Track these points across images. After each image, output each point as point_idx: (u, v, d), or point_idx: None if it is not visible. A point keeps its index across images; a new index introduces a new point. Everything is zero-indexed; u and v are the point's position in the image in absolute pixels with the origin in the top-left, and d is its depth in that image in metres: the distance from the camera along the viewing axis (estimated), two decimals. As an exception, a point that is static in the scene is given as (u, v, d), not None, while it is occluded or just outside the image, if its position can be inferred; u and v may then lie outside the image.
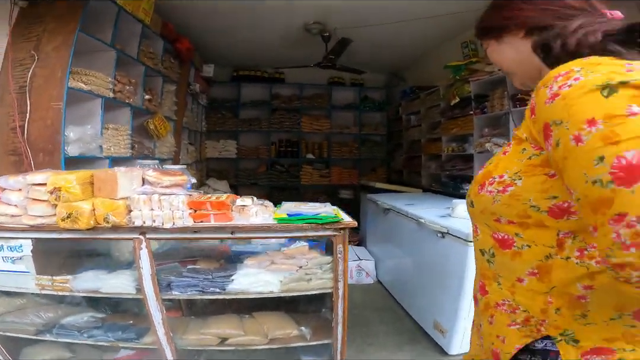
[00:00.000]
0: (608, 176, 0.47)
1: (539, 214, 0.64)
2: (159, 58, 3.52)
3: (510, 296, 0.72)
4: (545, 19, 0.71)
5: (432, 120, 4.75)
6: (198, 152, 5.11)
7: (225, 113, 5.73)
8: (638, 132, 0.47)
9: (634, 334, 0.62)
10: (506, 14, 0.77)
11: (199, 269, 1.93)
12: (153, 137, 3.46)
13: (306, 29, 4.34)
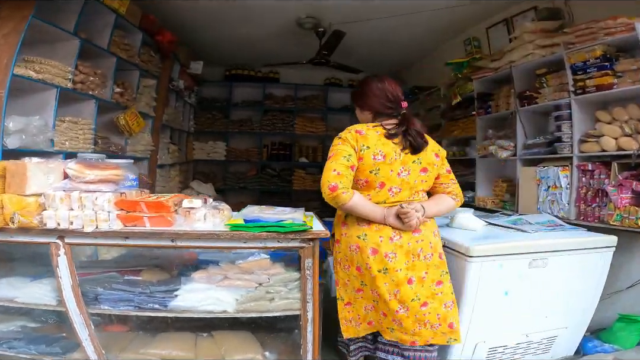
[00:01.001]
0: None
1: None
2: (135, 50, 3.23)
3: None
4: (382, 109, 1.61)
5: (432, 123, 4.38)
6: (183, 153, 4.79)
7: (216, 113, 5.42)
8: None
9: (341, 232, 1.59)
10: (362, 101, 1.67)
11: (136, 281, 1.57)
12: (124, 133, 3.13)
13: (299, 24, 4.03)
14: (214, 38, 4.44)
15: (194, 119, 5.23)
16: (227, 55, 5.08)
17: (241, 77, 5.48)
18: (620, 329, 1.96)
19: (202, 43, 4.53)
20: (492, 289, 1.73)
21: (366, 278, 1.53)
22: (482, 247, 1.70)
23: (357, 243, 1.51)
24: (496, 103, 3.25)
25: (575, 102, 2.45)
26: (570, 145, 2.45)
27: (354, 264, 1.54)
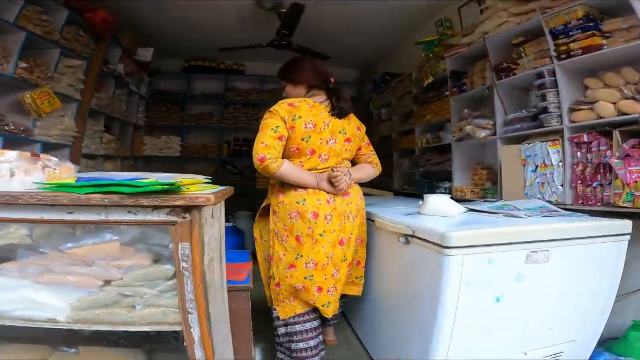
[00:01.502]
0: None
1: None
2: (55, 27, 2.68)
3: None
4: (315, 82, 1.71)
5: (404, 111, 3.95)
6: (127, 147, 4.16)
7: (171, 106, 4.82)
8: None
9: (278, 201, 1.60)
10: (296, 76, 1.74)
11: None
12: (31, 113, 2.53)
13: (258, 3, 3.54)
14: (166, 24, 3.89)
15: (145, 111, 4.62)
16: (186, 45, 4.53)
17: (202, 68, 4.92)
18: (637, 338, 1.51)
19: (153, 29, 3.97)
20: (478, 294, 1.25)
21: (305, 247, 1.56)
22: (463, 233, 1.22)
23: (297, 209, 1.56)
24: (471, 80, 2.83)
25: (560, 68, 2.05)
26: (559, 115, 2.03)
27: (293, 234, 1.57)
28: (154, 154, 4.71)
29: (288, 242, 1.57)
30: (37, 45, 2.60)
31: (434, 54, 3.34)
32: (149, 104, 4.71)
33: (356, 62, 5.27)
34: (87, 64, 3.07)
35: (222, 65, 5.07)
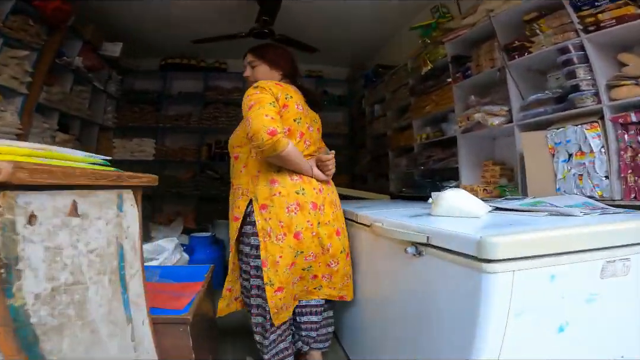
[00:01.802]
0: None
1: (244, 140, 1.45)
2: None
3: (238, 182, 1.47)
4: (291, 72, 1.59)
5: (400, 105, 3.57)
6: (92, 149, 3.68)
7: (144, 106, 4.37)
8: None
9: (271, 193, 1.36)
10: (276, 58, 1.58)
11: None
12: (-46, 105, 2.07)
13: (236, -9, 3.18)
14: (137, 18, 3.49)
15: (115, 111, 4.16)
16: (162, 42, 4.11)
17: (180, 67, 4.49)
18: None
19: (123, 24, 3.57)
20: (534, 324, 0.83)
21: (305, 243, 1.37)
22: (511, 239, 0.80)
23: (297, 200, 1.37)
24: (476, 63, 2.47)
25: (589, 42, 1.72)
26: (595, 93, 1.66)
27: (292, 230, 1.35)
28: (125, 157, 4.24)
29: (285, 240, 1.34)
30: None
31: (431, 39, 2.98)
32: (119, 103, 4.26)
33: (346, 59, 4.91)
34: (37, 55, 2.63)
35: (202, 64, 4.65)
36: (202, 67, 4.62)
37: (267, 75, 1.54)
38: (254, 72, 1.57)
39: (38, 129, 2.74)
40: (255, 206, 1.36)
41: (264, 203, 1.35)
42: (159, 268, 1.68)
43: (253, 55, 1.58)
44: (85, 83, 3.40)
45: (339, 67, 5.11)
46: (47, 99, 2.79)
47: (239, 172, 1.45)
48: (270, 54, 1.58)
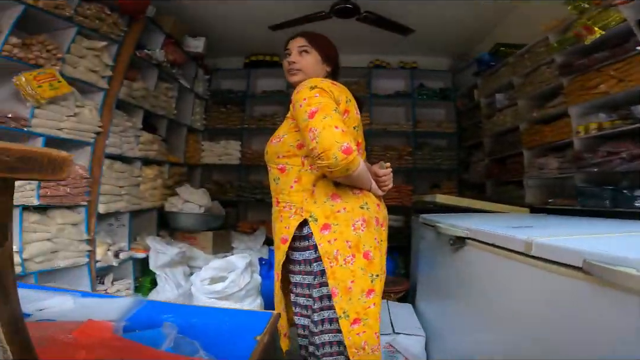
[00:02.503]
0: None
1: (293, 149, 1.17)
2: (67, 2, 2.10)
3: (288, 199, 1.19)
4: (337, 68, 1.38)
5: (540, 89, 2.58)
6: (180, 152, 3.53)
7: (230, 107, 4.14)
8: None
9: (334, 210, 1.14)
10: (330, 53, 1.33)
11: None
12: (27, 99, 1.89)
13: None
14: (218, 13, 3.23)
15: (203, 112, 4.01)
16: (244, 38, 3.83)
17: (263, 64, 4.19)
18: None
19: (205, 20, 3.34)
20: None
21: (375, 264, 1.14)
22: None
23: (363, 216, 1.15)
24: None
25: None
26: None
27: (361, 250, 1.13)
28: (213, 161, 4.04)
29: (355, 262, 1.12)
30: (47, 24, 2.07)
31: (594, 2, 2.01)
32: (208, 104, 4.10)
33: (445, 46, 4.00)
34: (117, 47, 2.45)
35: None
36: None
37: (316, 68, 1.30)
38: (302, 59, 1.30)
39: (120, 127, 2.56)
40: (314, 227, 1.14)
41: (326, 222, 1.14)
42: (185, 312, 1.04)
43: (306, 39, 1.32)
44: (170, 80, 3.23)
45: (437, 56, 4.24)
46: (128, 94, 2.59)
47: (289, 188, 1.20)
48: (325, 43, 1.36)
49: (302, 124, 1.08)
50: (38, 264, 1.99)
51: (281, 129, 1.23)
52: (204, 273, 1.92)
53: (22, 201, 1.92)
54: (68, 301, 0.96)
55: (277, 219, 1.22)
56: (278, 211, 1.22)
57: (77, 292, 1.07)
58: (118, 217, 2.66)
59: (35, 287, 1.09)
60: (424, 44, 3.85)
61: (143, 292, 2.62)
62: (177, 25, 3.13)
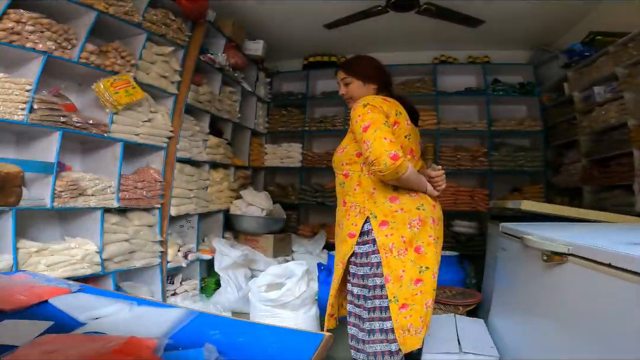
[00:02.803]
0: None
1: (354, 157, 1.37)
2: (136, 9, 2.22)
3: (353, 200, 1.38)
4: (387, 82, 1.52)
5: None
6: (244, 155, 3.62)
7: (291, 109, 4.15)
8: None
9: (392, 210, 1.31)
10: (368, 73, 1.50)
11: None
12: (105, 105, 2.04)
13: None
14: (275, 14, 3.24)
15: (266, 116, 4.08)
16: (302, 40, 3.80)
17: (322, 64, 4.12)
18: None
19: (263, 22, 3.37)
20: None
21: (428, 258, 1.31)
22: None
23: (419, 215, 1.33)
24: None
25: None
26: None
27: (413, 245, 1.31)
28: (275, 164, 4.09)
29: (407, 255, 1.29)
30: (118, 30, 2.20)
31: None
32: (270, 107, 4.16)
33: (524, 37, 3.52)
34: (183, 52, 2.56)
35: (342, 59, 4.16)
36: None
37: (362, 91, 1.50)
38: (348, 89, 1.53)
39: (189, 131, 2.67)
40: (373, 223, 1.33)
41: (384, 220, 1.33)
42: (233, 328, 0.98)
43: (344, 72, 1.53)
44: (234, 84, 3.31)
45: (512, 48, 3.78)
46: (195, 99, 2.69)
47: (353, 190, 1.40)
48: (360, 67, 1.54)
49: (358, 137, 1.31)
50: (116, 264, 2.13)
51: (344, 140, 1.47)
52: (262, 279, 1.89)
53: (103, 203, 2.06)
54: (124, 310, 0.95)
55: (344, 217, 1.41)
56: (345, 210, 1.42)
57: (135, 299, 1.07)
58: (188, 219, 2.79)
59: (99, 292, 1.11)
60: (497, 36, 3.47)
61: (208, 292, 2.70)
62: (236, 29, 3.19)
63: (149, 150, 2.44)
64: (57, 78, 2.02)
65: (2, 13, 1.59)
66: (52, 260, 1.78)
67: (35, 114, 1.71)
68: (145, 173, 2.38)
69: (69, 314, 0.89)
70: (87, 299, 1.00)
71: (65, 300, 0.97)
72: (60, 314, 0.90)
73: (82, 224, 2.08)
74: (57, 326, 0.83)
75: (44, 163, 1.81)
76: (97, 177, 2.06)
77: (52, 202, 1.81)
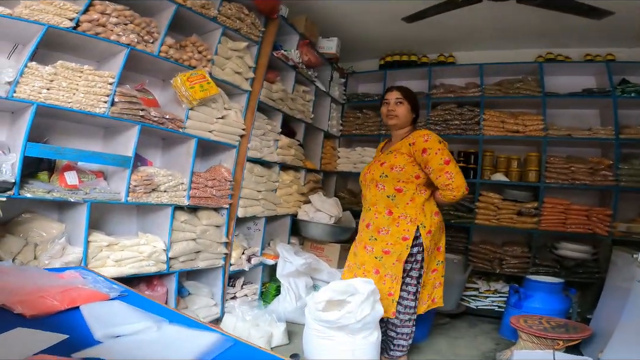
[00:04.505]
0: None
1: (412, 178, 1.82)
2: (210, 0, 2.19)
3: (404, 211, 1.81)
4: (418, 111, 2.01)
5: None
6: (317, 159, 3.45)
7: (367, 112, 3.88)
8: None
9: (434, 222, 1.84)
10: (414, 99, 1.98)
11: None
12: (182, 100, 2.04)
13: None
14: (352, 12, 3.03)
15: (340, 118, 3.88)
16: (378, 39, 3.53)
17: (400, 64, 3.78)
18: None
19: (338, 21, 3.19)
20: None
21: (442, 254, 1.94)
22: None
23: (440, 225, 1.90)
24: None
25: None
26: None
27: (437, 244, 1.91)
28: (348, 169, 3.85)
29: (433, 253, 1.88)
30: (195, 25, 2.19)
31: None
32: (344, 109, 3.94)
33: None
34: (257, 48, 2.48)
35: (424, 59, 3.74)
36: (425, 63, 3.70)
37: (408, 116, 1.93)
38: (397, 107, 1.90)
39: (260, 130, 2.58)
40: (422, 231, 1.79)
41: (430, 229, 1.81)
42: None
43: (401, 93, 1.94)
44: (307, 83, 3.16)
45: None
46: (267, 96, 2.60)
47: (405, 204, 1.82)
48: (413, 96, 1.98)
49: (437, 166, 1.76)
50: (181, 264, 2.10)
51: (397, 160, 1.82)
52: (321, 295, 1.65)
53: (174, 200, 2.04)
54: (151, 329, 0.79)
55: (391, 224, 1.81)
56: (392, 219, 1.82)
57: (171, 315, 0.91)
58: (255, 222, 2.69)
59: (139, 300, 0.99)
60: (625, 30, 2.79)
61: (268, 298, 2.57)
62: (309, 25, 3.04)
63: (222, 148, 2.40)
64: (140, 73, 2.08)
65: (88, 4, 1.64)
66: (120, 255, 1.79)
67: (116, 107, 1.74)
68: (217, 171, 2.34)
69: (90, 328, 0.76)
70: (120, 310, 0.88)
71: (96, 309, 0.85)
72: (82, 325, 0.77)
73: (154, 220, 2.09)
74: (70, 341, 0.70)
75: (122, 157, 1.85)
76: (171, 173, 2.05)
77: (127, 197, 1.83)
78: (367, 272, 1.81)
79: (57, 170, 1.71)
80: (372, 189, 1.87)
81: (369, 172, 1.92)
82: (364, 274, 1.81)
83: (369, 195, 1.90)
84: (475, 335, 2.56)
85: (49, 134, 1.84)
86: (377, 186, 1.84)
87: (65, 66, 1.59)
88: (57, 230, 1.67)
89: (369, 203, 1.91)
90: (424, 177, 1.82)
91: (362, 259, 1.85)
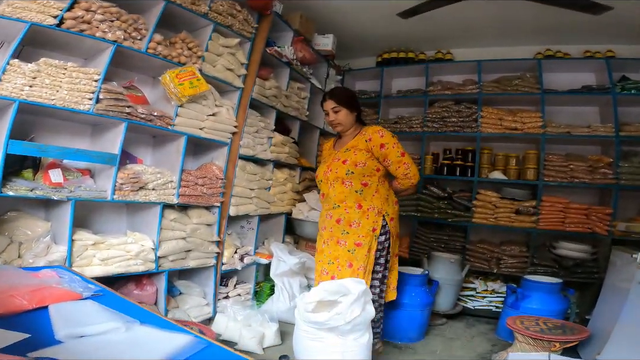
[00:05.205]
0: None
1: (374, 171, 1.94)
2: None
3: (372, 203, 1.91)
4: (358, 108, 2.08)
5: None
6: (313, 157, 3.42)
7: (364, 109, 3.84)
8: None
9: (395, 210, 2.02)
10: (355, 102, 2.07)
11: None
12: (171, 97, 2.01)
13: None
14: (347, 9, 3.00)
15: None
16: (375, 35, 3.49)
17: (397, 61, 3.74)
18: None
19: (333, 17, 3.16)
20: None
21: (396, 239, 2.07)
22: None
23: (399, 212, 2.06)
24: None
25: None
26: None
27: (397, 231, 2.06)
28: (343, 167, 3.82)
29: (394, 239, 2.00)
30: (185, 22, 2.17)
31: None
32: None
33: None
34: (250, 45, 2.46)
35: (421, 56, 3.70)
36: (423, 60, 3.66)
37: (349, 118, 2.02)
38: (337, 115, 2.00)
39: (253, 127, 2.55)
40: (387, 219, 1.94)
41: (392, 217, 1.98)
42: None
43: (334, 100, 2.01)
44: (302, 80, 3.13)
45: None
46: (261, 93, 2.57)
47: (371, 196, 1.94)
48: (346, 97, 2.05)
49: (396, 159, 1.92)
50: (171, 263, 2.08)
51: (357, 157, 1.91)
52: (312, 295, 1.62)
53: (163, 199, 2.02)
54: (119, 330, 0.76)
55: (362, 217, 1.91)
56: (362, 212, 1.92)
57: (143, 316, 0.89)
58: (249, 220, 2.67)
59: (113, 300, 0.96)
60: (625, 26, 2.76)
61: (263, 298, 2.54)
62: (304, 22, 3.01)
63: (214, 146, 2.38)
64: (130, 70, 2.06)
65: (73, 1, 1.62)
66: (106, 254, 1.77)
67: (101, 104, 1.72)
68: (208, 169, 2.32)
69: (53, 327, 0.74)
70: (90, 310, 0.85)
71: (65, 309, 0.83)
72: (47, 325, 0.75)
73: (143, 218, 2.07)
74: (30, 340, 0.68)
75: (108, 154, 1.83)
76: (159, 171, 2.03)
77: (113, 195, 1.81)
78: (340, 266, 1.88)
79: (42, 168, 1.69)
80: (338, 187, 1.93)
81: (331, 170, 1.96)
82: (338, 268, 1.88)
83: (334, 192, 1.95)
84: (472, 336, 2.53)
85: (36, 132, 1.83)
86: (343, 183, 1.91)
87: (49, 63, 1.57)
88: (42, 229, 1.65)
89: (335, 200, 1.95)
90: (383, 169, 1.95)
91: (336, 253, 1.91)
